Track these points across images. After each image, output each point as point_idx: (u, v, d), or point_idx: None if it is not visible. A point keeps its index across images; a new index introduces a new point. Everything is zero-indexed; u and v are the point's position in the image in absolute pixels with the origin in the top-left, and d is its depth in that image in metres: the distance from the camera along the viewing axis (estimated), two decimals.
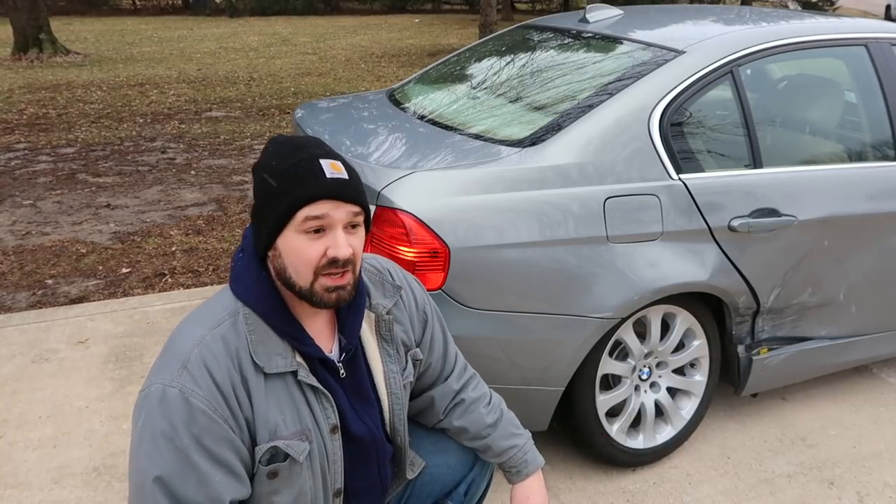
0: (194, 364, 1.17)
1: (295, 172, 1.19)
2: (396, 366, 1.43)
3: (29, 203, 4.74)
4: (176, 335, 1.23)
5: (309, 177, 1.18)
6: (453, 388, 1.56)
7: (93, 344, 2.96)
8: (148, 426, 1.15)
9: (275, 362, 1.22)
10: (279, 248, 1.21)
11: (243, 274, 1.26)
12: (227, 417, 1.17)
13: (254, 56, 12.01)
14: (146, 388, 1.18)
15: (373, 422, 1.39)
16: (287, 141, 1.25)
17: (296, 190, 1.18)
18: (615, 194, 2.01)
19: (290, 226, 1.19)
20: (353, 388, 1.36)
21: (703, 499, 2.20)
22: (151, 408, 1.15)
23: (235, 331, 1.21)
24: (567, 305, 1.98)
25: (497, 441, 1.55)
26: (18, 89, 8.61)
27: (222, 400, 1.17)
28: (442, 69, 2.98)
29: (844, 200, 2.32)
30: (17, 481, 2.19)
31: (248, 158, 5.91)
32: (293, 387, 1.25)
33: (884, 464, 2.38)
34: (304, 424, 1.26)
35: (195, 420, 1.14)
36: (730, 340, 2.32)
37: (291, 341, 1.25)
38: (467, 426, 1.55)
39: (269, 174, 1.21)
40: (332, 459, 1.31)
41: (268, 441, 1.22)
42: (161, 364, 1.19)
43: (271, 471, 1.23)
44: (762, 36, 2.31)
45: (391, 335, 1.42)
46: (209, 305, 1.26)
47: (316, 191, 1.18)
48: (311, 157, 1.21)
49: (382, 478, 1.44)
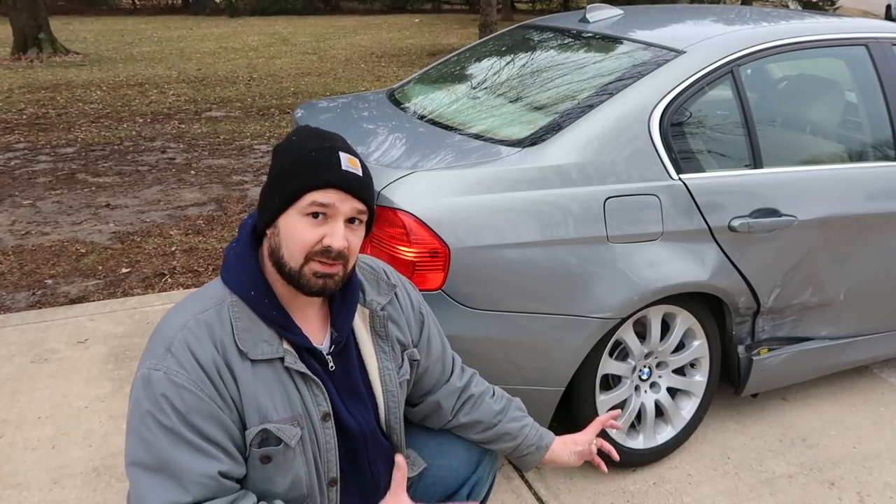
0: (178, 347, 1.19)
1: (313, 157, 1.23)
2: (392, 363, 1.43)
3: (28, 203, 4.74)
4: (162, 323, 1.26)
5: (325, 164, 1.23)
6: (457, 387, 1.57)
7: (92, 344, 2.96)
8: (136, 410, 1.17)
9: (260, 349, 1.24)
10: (279, 226, 1.24)
11: (234, 262, 1.29)
12: (214, 396, 1.19)
13: (254, 56, 12.01)
14: (136, 373, 1.21)
15: (363, 418, 1.39)
16: (313, 130, 1.31)
17: (309, 173, 1.22)
18: (615, 194, 2.01)
19: (295, 206, 1.23)
20: (343, 383, 1.36)
21: (703, 499, 2.20)
22: (138, 392, 1.18)
23: (219, 318, 1.23)
24: (567, 306, 1.97)
25: (510, 424, 1.59)
26: (18, 89, 8.61)
27: (208, 380, 1.19)
28: (442, 69, 2.98)
29: (845, 200, 2.32)
30: (17, 481, 2.18)
31: (248, 158, 5.91)
32: (282, 373, 1.26)
33: (884, 464, 2.38)
34: (296, 410, 1.27)
35: (182, 399, 1.16)
36: (730, 340, 2.32)
37: (278, 329, 1.26)
38: (479, 418, 1.57)
39: (289, 153, 1.26)
40: (324, 448, 1.32)
41: (258, 424, 1.23)
42: (147, 351, 1.22)
43: (264, 454, 1.24)
44: (762, 36, 2.31)
45: (386, 332, 1.42)
46: (196, 294, 1.29)
47: (328, 178, 1.22)
48: (332, 148, 1.25)
49: (374, 474, 1.44)
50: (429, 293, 1.88)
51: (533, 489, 2.21)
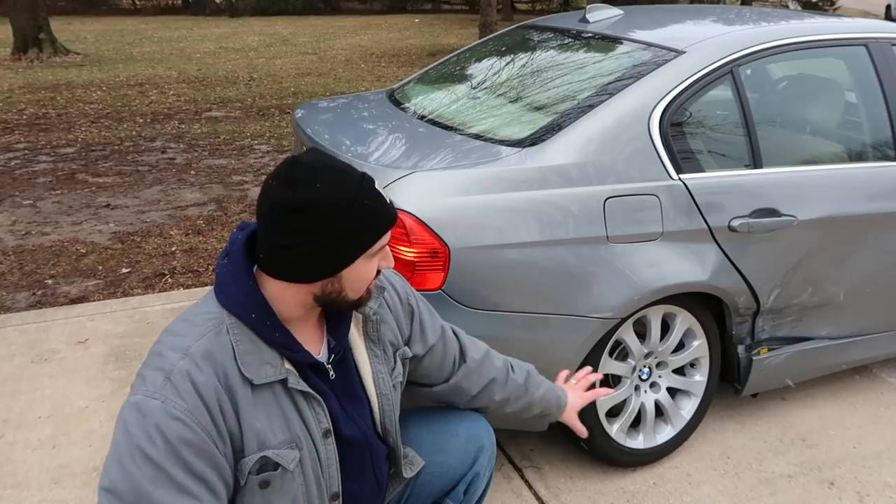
0: (178, 376, 1.14)
1: (367, 206, 1.22)
2: (384, 366, 1.43)
3: (29, 203, 4.74)
4: (160, 345, 1.20)
5: (379, 208, 1.24)
6: (474, 369, 1.63)
7: (93, 344, 2.96)
8: (125, 437, 1.12)
9: (264, 372, 1.21)
10: (341, 276, 1.24)
11: (229, 282, 1.23)
12: (210, 431, 1.14)
13: (254, 56, 12.01)
14: (129, 398, 1.15)
15: (364, 421, 1.40)
16: (334, 166, 1.22)
17: (376, 223, 1.24)
18: (615, 194, 2.01)
19: (364, 255, 1.25)
20: (343, 389, 1.36)
21: (703, 499, 2.20)
22: (130, 419, 1.12)
23: (220, 342, 1.19)
24: (567, 305, 1.97)
25: (535, 392, 1.69)
26: (18, 89, 8.61)
27: (206, 413, 1.14)
28: (442, 69, 2.98)
29: (844, 200, 2.32)
30: (17, 481, 2.19)
31: (248, 158, 5.91)
32: (281, 395, 1.24)
33: (884, 464, 2.38)
34: (294, 432, 1.25)
35: (175, 431, 1.11)
36: (730, 340, 2.32)
37: (281, 349, 1.24)
38: (508, 396, 1.66)
39: (338, 210, 1.18)
40: (325, 464, 1.31)
41: (256, 451, 1.20)
42: (144, 374, 1.17)
43: (263, 480, 1.22)
44: (762, 36, 2.31)
45: (378, 335, 1.43)
46: (194, 313, 1.24)
47: (390, 221, 1.26)
48: (371, 185, 1.24)
49: (378, 478, 1.45)
50: (429, 293, 1.88)
51: (533, 489, 2.21)
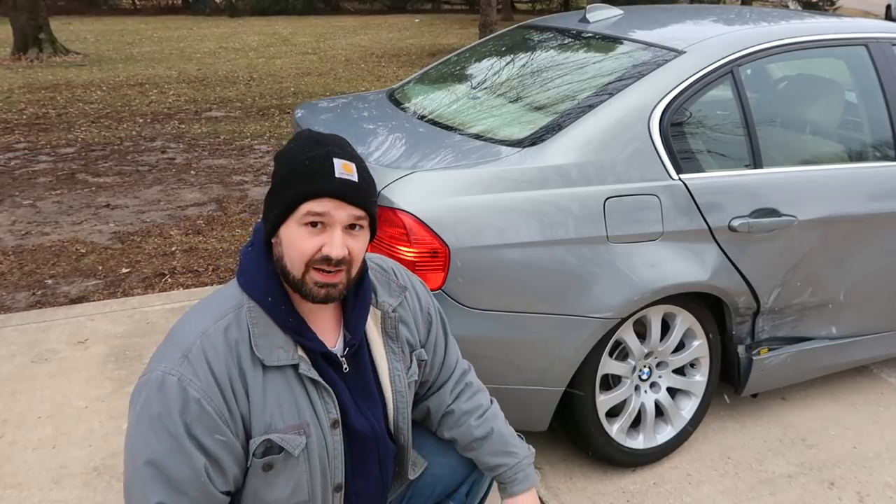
0: (195, 355, 1.19)
1: (307, 166, 1.22)
2: (401, 364, 1.43)
3: (29, 203, 4.74)
4: (180, 325, 1.26)
5: (318, 173, 1.21)
6: (445, 401, 1.56)
7: (92, 344, 2.96)
8: (145, 410, 1.18)
9: (276, 355, 1.24)
10: (281, 236, 1.25)
11: (251, 267, 1.29)
12: (222, 411, 1.19)
13: (254, 56, 12.01)
14: (146, 374, 1.21)
15: (375, 418, 1.39)
16: (311, 135, 1.28)
17: (303, 183, 1.21)
18: (615, 194, 2.01)
19: (292, 217, 1.22)
20: (356, 384, 1.36)
21: (703, 499, 2.20)
22: (150, 393, 1.18)
23: (238, 323, 1.24)
24: (567, 305, 1.97)
25: (485, 456, 1.53)
26: (18, 89, 8.61)
27: (219, 393, 1.19)
28: (442, 69, 2.98)
29: (844, 200, 2.32)
30: (17, 481, 2.19)
31: (248, 158, 5.91)
32: (293, 380, 1.27)
33: (884, 464, 2.38)
34: (303, 419, 1.27)
35: (189, 409, 1.17)
36: (730, 340, 2.32)
37: (294, 335, 1.27)
38: (457, 437, 1.55)
39: (285, 162, 1.25)
40: (332, 454, 1.32)
41: (262, 434, 1.24)
42: (163, 352, 1.22)
43: (266, 463, 1.25)
44: (762, 36, 2.31)
45: (396, 333, 1.43)
46: (215, 297, 1.29)
47: (321, 188, 1.20)
48: (326, 155, 1.23)
49: (384, 475, 1.45)
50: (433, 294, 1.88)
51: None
